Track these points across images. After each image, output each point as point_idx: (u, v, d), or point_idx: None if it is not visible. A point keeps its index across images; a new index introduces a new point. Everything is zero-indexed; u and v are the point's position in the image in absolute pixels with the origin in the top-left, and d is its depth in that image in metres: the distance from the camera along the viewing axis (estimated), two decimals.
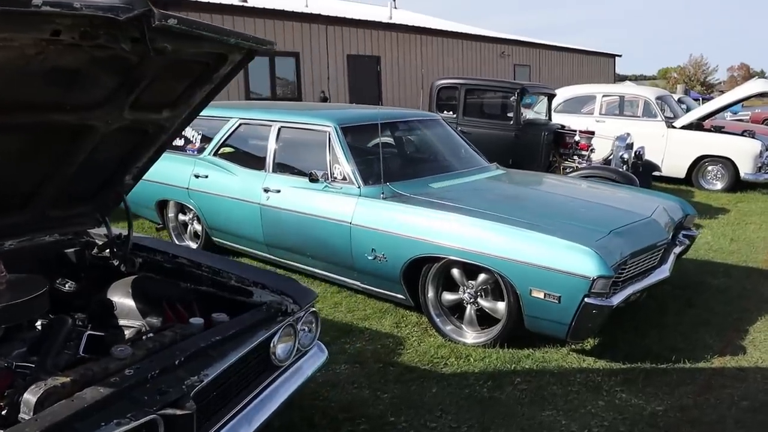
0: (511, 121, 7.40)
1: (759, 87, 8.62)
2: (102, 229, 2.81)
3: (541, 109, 8.25)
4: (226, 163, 5.02)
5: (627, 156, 6.94)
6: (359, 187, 4.06)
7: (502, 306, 3.47)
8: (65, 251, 2.74)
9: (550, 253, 3.17)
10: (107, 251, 2.75)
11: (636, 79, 61.48)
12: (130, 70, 1.92)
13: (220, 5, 10.62)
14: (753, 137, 8.92)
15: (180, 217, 5.65)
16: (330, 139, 4.31)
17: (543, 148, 7.27)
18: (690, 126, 9.04)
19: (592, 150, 7.41)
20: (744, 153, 8.52)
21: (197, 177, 5.12)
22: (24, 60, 1.60)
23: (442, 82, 8.04)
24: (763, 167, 8.58)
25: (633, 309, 3.89)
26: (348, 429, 2.76)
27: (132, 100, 2.07)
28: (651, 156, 8.06)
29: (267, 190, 4.53)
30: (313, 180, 4.16)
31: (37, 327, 2.23)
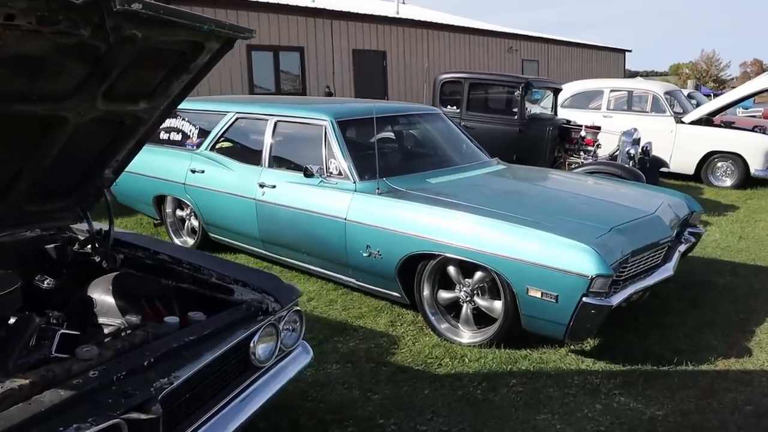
0: (516, 116, 7.26)
1: None
2: (86, 225, 2.74)
3: (548, 104, 8.10)
4: (222, 158, 4.95)
5: (633, 152, 6.79)
6: (355, 183, 3.97)
7: (498, 305, 3.37)
8: (46, 247, 2.67)
9: (547, 251, 3.06)
10: (89, 247, 2.68)
11: (647, 75, 60.81)
12: (99, 58, 1.84)
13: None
14: (764, 133, 8.72)
15: (177, 213, 5.59)
16: (326, 134, 4.22)
17: (547, 143, 7.13)
18: (699, 121, 8.85)
19: (598, 145, 7.27)
20: (754, 149, 8.33)
21: (194, 172, 5.05)
22: None
23: (445, 76, 7.91)
24: None
25: (635, 308, 3.78)
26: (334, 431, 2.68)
27: (104, 90, 1.99)
28: (659, 152, 7.88)
29: (262, 185, 4.45)
30: (308, 175, 4.07)
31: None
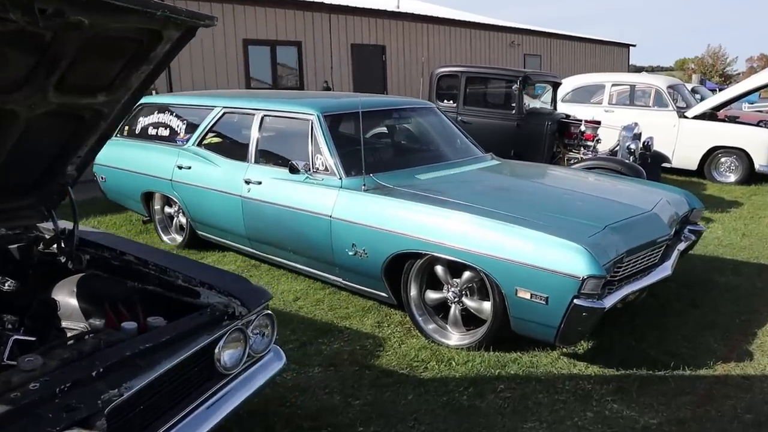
0: (513, 111, 7.10)
1: None
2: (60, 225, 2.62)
3: (548, 99, 7.94)
4: (209, 154, 4.83)
5: (634, 147, 6.61)
6: (341, 179, 3.84)
7: (487, 306, 3.23)
8: (9, 247, 2.55)
9: (536, 250, 2.92)
10: (54, 247, 2.56)
11: (653, 70, 60.35)
12: (44, 47, 1.71)
13: None
14: None
15: (166, 210, 5.48)
16: (312, 128, 4.09)
17: (546, 138, 6.96)
18: (703, 116, 8.66)
19: (598, 140, 7.11)
20: (759, 144, 8.14)
21: (180, 168, 4.93)
22: None
23: (442, 70, 7.76)
24: None
25: (632, 309, 3.64)
26: None
27: (55, 81, 1.87)
28: (662, 147, 7.71)
29: (248, 181, 4.33)
30: (294, 171, 3.94)
31: None
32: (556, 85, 7.85)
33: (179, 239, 5.36)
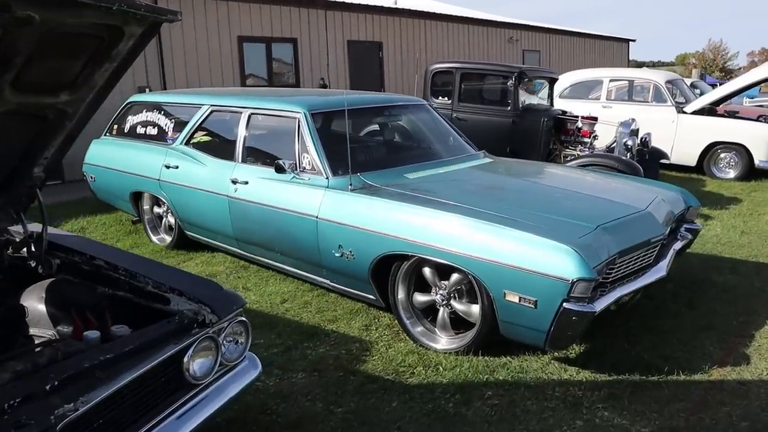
0: (509, 107, 7.00)
1: None
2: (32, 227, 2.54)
3: (545, 95, 7.83)
4: (196, 153, 4.74)
5: (631, 143, 6.50)
6: (327, 178, 3.75)
7: (476, 309, 3.14)
8: None
9: (524, 252, 2.82)
10: (24, 251, 2.48)
11: (654, 65, 60.07)
12: None
13: None
14: None
15: (155, 210, 5.40)
16: (299, 127, 4.00)
17: (542, 135, 6.85)
18: (702, 111, 8.55)
19: (594, 137, 7.00)
20: (759, 139, 8.02)
21: (168, 167, 4.84)
22: None
23: (436, 66, 7.64)
24: None
25: (626, 311, 3.54)
26: None
27: (11, 79, 1.77)
28: (660, 143, 7.60)
29: (235, 181, 4.24)
30: (280, 170, 3.85)
31: None
32: (552, 81, 7.73)
33: (168, 239, 5.28)
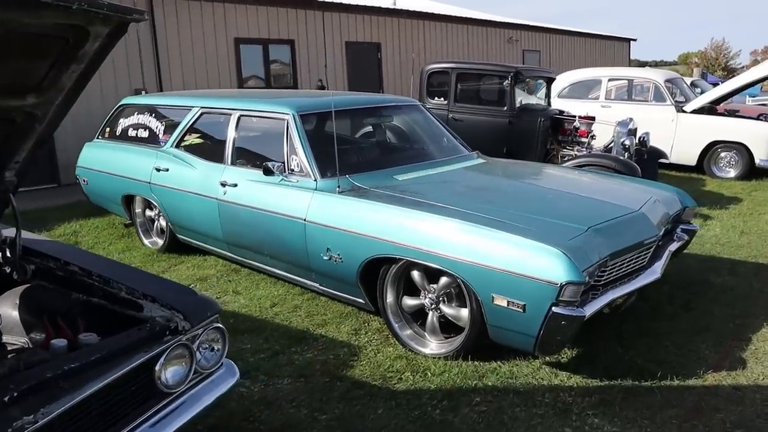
0: (505, 107, 6.93)
1: None
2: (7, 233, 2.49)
3: (542, 95, 7.76)
4: (186, 156, 4.69)
5: (629, 143, 6.42)
6: (316, 180, 3.69)
7: (465, 313, 3.08)
8: None
9: (512, 255, 2.76)
10: None
11: (656, 65, 59.90)
12: None
13: None
14: None
15: (147, 213, 5.36)
16: (288, 128, 3.94)
17: (539, 135, 6.78)
18: (702, 110, 8.47)
19: (592, 137, 6.93)
20: (759, 138, 7.93)
21: (158, 170, 4.80)
22: None
23: (432, 66, 7.58)
24: None
25: (620, 314, 3.47)
26: None
27: None
28: (659, 142, 7.52)
29: (224, 184, 4.19)
30: (268, 172, 3.80)
31: None
32: (550, 81, 7.66)
33: (160, 243, 5.23)
